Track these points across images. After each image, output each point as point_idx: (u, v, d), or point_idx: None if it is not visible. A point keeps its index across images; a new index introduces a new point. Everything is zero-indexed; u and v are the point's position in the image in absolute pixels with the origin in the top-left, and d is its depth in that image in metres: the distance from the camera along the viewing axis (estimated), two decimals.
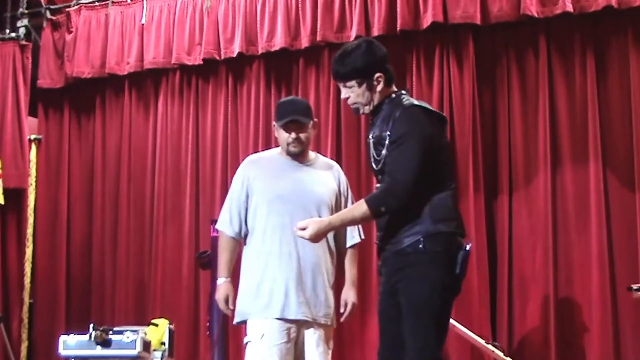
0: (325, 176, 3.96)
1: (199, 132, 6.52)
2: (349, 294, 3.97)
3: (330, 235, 3.80)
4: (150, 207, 6.65)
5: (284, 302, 3.76)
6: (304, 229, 3.26)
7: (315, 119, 4.06)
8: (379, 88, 3.34)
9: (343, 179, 4.04)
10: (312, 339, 3.82)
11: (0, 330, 6.16)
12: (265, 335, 3.74)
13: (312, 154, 4.04)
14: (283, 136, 3.90)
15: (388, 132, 3.27)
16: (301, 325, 3.81)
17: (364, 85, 3.33)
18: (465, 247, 3.24)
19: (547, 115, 5.55)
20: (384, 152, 3.28)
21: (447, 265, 3.22)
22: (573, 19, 5.53)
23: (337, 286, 4.05)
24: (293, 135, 3.87)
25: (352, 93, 3.35)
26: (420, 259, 3.21)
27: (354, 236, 4.00)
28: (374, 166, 3.35)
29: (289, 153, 3.92)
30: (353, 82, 3.33)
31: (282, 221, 3.79)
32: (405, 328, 3.22)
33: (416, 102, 3.35)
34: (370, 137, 3.38)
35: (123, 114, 6.86)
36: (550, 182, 5.49)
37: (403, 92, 3.40)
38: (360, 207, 3.26)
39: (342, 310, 3.96)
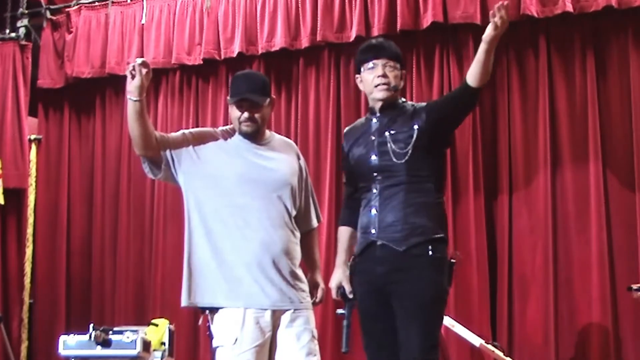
0: (285, 155, 3.67)
1: None
2: (318, 280, 3.72)
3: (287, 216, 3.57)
4: (150, 207, 6.64)
5: (260, 291, 3.41)
6: None
7: (274, 96, 3.75)
8: (402, 83, 3.53)
9: (302, 159, 3.77)
10: (292, 332, 3.47)
11: (0, 330, 6.16)
12: (239, 339, 3.39)
13: (267, 133, 3.73)
14: (235, 114, 3.57)
15: (417, 127, 3.38)
16: (277, 316, 3.46)
17: (401, 73, 3.52)
18: (452, 258, 3.39)
19: (547, 115, 5.55)
20: (409, 148, 3.35)
21: (447, 272, 3.36)
22: (573, 19, 5.52)
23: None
24: (246, 114, 3.54)
25: (395, 72, 3.49)
26: (428, 261, 3.30)
27: (313, 219, 3.75)
28: (395, 159, 3.37)
29: (241, 132, 3.59)
30: (397, 64, 3.51)
31: (242, 202, 3.48)
32: (411, 328, 3.27)
33: None
34: (386, 134, 3.42)
35: (123, 114, 6.83)
36: (550, 182, 5.49)
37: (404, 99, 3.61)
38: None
39: (313, 297, 3.68)
